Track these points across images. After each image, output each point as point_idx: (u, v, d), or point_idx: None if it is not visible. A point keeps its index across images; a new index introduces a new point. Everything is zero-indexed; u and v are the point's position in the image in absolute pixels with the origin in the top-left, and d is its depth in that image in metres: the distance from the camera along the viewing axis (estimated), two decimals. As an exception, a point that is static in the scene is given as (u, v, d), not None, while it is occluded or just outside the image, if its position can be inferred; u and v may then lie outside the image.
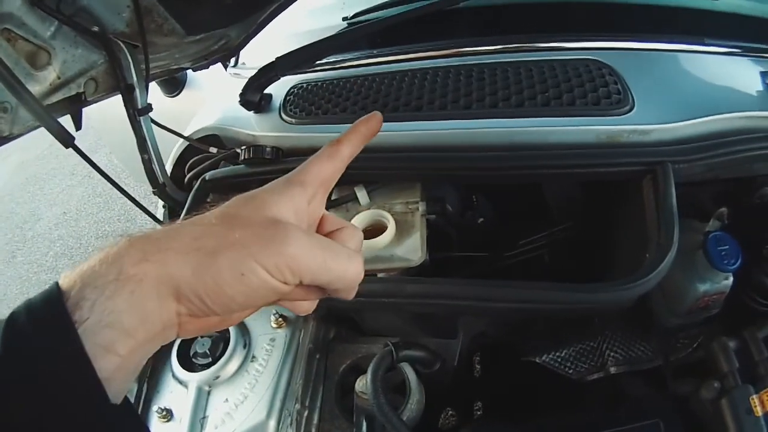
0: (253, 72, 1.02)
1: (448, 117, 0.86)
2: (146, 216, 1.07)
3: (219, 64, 1.24)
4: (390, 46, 1.08)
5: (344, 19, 1.20)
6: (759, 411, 0.65)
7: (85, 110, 0.87)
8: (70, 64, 0.79)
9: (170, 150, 1.18)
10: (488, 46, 0.98)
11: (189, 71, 1.51)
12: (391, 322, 0.94)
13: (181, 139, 1.15)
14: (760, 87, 0.87)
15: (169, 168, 1.13)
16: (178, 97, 1.60)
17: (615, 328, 0.85)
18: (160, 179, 1.00)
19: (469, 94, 0.88)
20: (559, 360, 0.86)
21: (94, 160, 0.89)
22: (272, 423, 0.75)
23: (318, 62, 1.08)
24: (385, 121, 0.84)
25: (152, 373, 0.84)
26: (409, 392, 0.77)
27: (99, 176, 0.92)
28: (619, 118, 0.80)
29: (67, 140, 0.78)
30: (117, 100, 0.91)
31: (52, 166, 4.67)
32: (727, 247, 0.74)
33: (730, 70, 0.92)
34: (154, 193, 1.03)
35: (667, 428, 0.68)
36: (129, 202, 0.98)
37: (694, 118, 0.80)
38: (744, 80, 0.89)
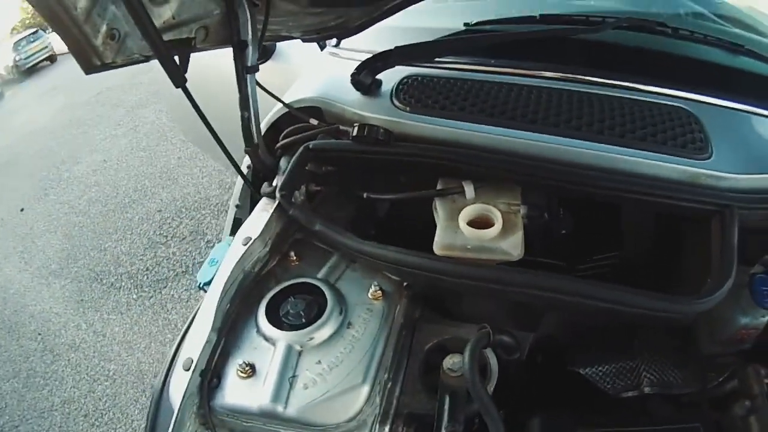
0: (351, 54, 1.07)
1: (559, 134, 0.95)
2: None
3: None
4: (504, 58, 1.14)
5: (465, 24, 1.27)
6: None
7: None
8: (187, 7, 0.78)
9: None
10: (597, 78, 1.09)
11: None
12: (483, 308, 0.99)
13: (278, 105, 1.18)
14: None
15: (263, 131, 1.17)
16: (262, 66, 1.64)
17: (653, 352, 0.94)
18: (255, 140, 1.03)
19: (580, 117, 0.98)
20: (601, 374, 0.94)
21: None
22: (366, 389, 0.76)
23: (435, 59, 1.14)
24: (500, 126, 0.93)
25: (232, 327, 0.84)
26: (489, 375, 0.82)
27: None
28: (699, 162, 0.92)
29: (179, 79, 0.77)
30: (200, 58, 0.87)
31: (98, 113, 4.69)
32: None
33: None
34: (246, 151, 1.05)
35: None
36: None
37: (763, 174, 0.92)
38: None
